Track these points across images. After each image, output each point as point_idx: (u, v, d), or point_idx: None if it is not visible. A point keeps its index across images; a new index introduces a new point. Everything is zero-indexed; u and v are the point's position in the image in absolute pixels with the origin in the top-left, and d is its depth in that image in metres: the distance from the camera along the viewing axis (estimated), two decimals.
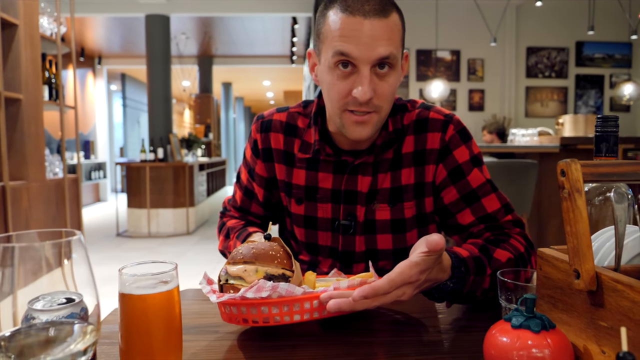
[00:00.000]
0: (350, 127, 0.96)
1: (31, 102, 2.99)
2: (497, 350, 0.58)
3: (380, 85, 0.92)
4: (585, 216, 0.58)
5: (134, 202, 6.65)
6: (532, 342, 0.56)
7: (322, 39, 0.95)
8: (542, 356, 0.56)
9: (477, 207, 1.02)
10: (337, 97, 0.94)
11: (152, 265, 0.64)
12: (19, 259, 0.39)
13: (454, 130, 1.04)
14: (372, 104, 0.93)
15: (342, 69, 0.92)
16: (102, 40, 9.97)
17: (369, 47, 0.89)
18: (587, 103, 7.62)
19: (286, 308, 0.71)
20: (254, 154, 1.14)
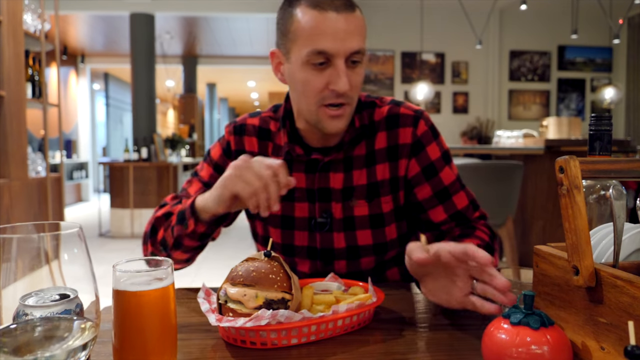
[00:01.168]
0: (327, 121, 0.98)
1: (14, 99, 2.93)
2: (496, 347, 0.58)
3: (353, 78, 0.95)
4: (584, 212, 0.58)
5: (116, 202, 6.56)
6: (531, 338, 0.56)
7: (291, 38, 0.96)
8: (542, 353, 0.56)
9: (448, 204, 1.07)
10: (314, 92, 0.96)
11: (145, 262, 0.63)
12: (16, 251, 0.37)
13: (425, 125, 1.07)
14: (347, 96, 0.96)
15: (317, 65, 0.94)
16: (86, 39, 9.83)
17: (344, 41, 0.91)
18: (568, 106, 7.74)
19: (284, 333, 0.71)
20: (225, 155, 1.13)
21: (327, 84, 0.94)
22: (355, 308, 0.76)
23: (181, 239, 0.99)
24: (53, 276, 0.46)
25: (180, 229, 0.98)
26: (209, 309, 0.74)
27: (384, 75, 7.37)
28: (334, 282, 0.92)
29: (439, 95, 7.43)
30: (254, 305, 0.71)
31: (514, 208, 2.85)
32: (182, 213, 0.98)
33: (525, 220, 3.69)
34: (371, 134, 1.08)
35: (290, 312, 0.70)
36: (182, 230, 0.97)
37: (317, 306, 0.79)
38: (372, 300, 0.80)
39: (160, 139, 6.78)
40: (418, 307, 0.92)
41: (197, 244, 1.01)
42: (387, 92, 7.35)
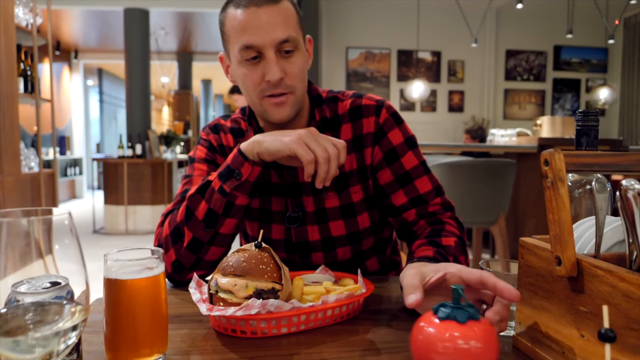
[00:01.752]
0: (271, 110, 1.01)
1: (6, 94, 2.92)
2: (422, 342, 0.57)
3: (288, 66, 0.98)
4: (568, 204, 0.60)
5: (111, 199, 6.54)
6: (458, 333, 0.55)
7: (227, 39, 1.02)
8: (468, 347, 0.54)
9: (409, 188, 1.08)
10: (252, 86, 1.00)
11: (136, 252, 0.64)
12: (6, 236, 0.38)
13: (387, 113, 1.10)
14: (284, 85, 0.99)
15: (251, 60, 0.98)
16: (79, 34, 9.77)
17: (268, 33, 0.95)
18: (563, 106, 7.78)
19: (274, 322, 0.73)
20: (212, 151, 1.15)
21: (263, 76, 0.98)
22: (345, 298, 0.77)
23: (234, 197, 0.95)
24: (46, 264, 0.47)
25: (233, 183, 0.94)
26: (200, 298, 0.75)
27: (380, 73, 7.38)
28: (324, 274, 0.93)
29: (435, 93, 7.46)
30: (245, 295, 0.72)
31: (507, 205, 2.87)
32: (228, 168, 0.96)
33: (518, 217, 3.71)
34: (336, 127, 1.11)
35: (280, 302, 0.71)
36: (236, 183, 0.94)
37: (307, 296, 0.80)
38: (361, 291, 0.81)
39: (154, 136, 6.77)
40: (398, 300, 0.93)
41: (247, 201, 0.97)
42: (383, 89, 7.37)
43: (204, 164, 1.13)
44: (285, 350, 0.69)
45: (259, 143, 0.93)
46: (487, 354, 0.55)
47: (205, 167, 1.12)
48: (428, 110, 7.50)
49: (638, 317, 0.51)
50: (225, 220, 0.98)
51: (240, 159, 0.95)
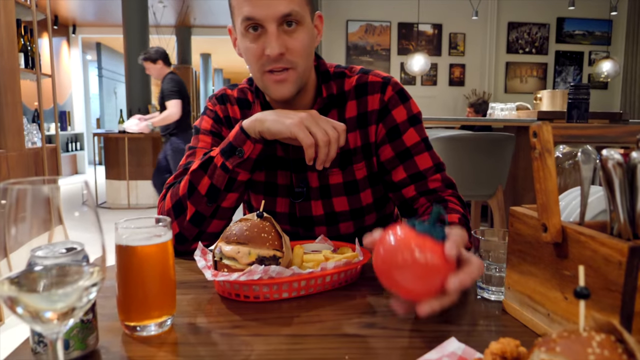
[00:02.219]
0: (272, 86, 1.01)
1: (7, 70, 2.93)
2: (388, 247, 0.62)
3: (290, 42, 0.97)
4: (554, 175, 0.63)
5: (112, 174, 6.58)
6: (428, 247, 0.61)
7: (232, 11, 1.01)
8: (434, 262, 0.60)
9: (409, 164, 1.09)
10: (254, 59, 0.99)
11: (145, 220, 0.67)
12: (30, 203, 0.41)
13: (392, 90, 1.10)
14: (285, 60, 0.98)
15: (252, 32, 0.97)
16: (76, 8, 9.65)
17: (270, 6, 0.94)
18: (565, 80, 7.73)
19: (276, 287, 0.77)
20: (217, 123, 1.16)
21: (263, 50, 0.97)
22: (343, 265, 0.81)
23: (236, 174, 0.98)
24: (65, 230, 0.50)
25: (235, 160, 0.97)
26: (205, 265, 0.79)
27: (380, 46, 7.32)
28: (323, 244, 0.97)
29: (436, 67, 7.40)
30: (247, 261, 0.76)
31: (505, 179, 2.90)
32: (230, 145, 0.97)
33: (516, 191, 3.75)
34: (341, 104, 1.11)
35: (281, 268, 0.75)
36: (238, 160, 0.97)
37: (307, 264, 0.84)
38: (358, 259, 0.85)
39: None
40: None
41: (248, 176, 1.00)
42: (383, 63, 7.32)
43: (209, 135, 1.14)
44: (286, 314, 0.74)
45: (261, 122, 0.95)
46: (442, 273, 0.61)
47: (210, 140, 1.14)
48: (429, 84, 7.46)
49: (615, 279, 0.54)
50: (227, 195, 1.00)
51: (243, 137, 0.97)
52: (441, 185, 1.09)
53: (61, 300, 0.40)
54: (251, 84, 1.17)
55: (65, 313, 0.40)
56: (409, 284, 0.62)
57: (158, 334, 0.65)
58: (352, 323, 0.70)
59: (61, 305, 0.40)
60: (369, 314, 0.74)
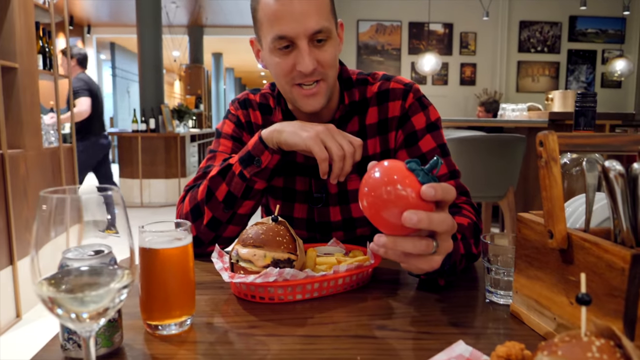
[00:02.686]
0: (302, 100, 1.03)
1: (26, 71, 2.99)
2: (374, 178, 0.63)
3: (320, 55, 0.99)
4: (560, 182, 0.65)
5: (126, 172, 6.67)
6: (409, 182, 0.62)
7: (259, 26, 1.02)
8: (406, 195, 0.61)
9: None
10: (283, 74, 1.01)
11: (166, 224, 0.71)
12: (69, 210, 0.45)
13: (413, 98, 1.11)
14: (317, 73, 1.00)
15: (284, 49, 0.99)
16: (91, 8, 9.78)
17: (301, 23, 0.95)
18: (578, 78, 7.68)
19: (290, 289, 0.80)
20: (239, 127, 1.18)
21: (294, 65, 0.99)
22: (354, 268, 0.84)
23: (253, 182, 1.00)
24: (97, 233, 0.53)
25: (253, 169, 0.99)
26: (222, 267, 0.82)
27: (391, 46, 7.33)
28: (335, 247, 1.00)
29: (447, 66, 7.39)
30: (263, 264, 0.79)
31: (516, 180, 2.91)
32: (249, 154, 1.00)
33: (528, 192, 3.75)
34: (363, 110, 1.13)
35: (295, 271, 0.78)
36: (256, 169, 0.99)
37: (320, 266, 0.87)
38: (370, 262, 0.88)
39: (167, 110, 6.83)
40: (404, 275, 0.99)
41: (265, 185, 1.02)
42: (394, 63, 7.32)
43: (230, 140, 1.16)
44: (300, 315, 0.76)
45: (279, 133, 0.96)
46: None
47: (230, 144, 1.16)
48: (439, 84, 7.45)
49: (618, 285, 0.56)
50: (244, 202, 1.03)
51: (261, 147, 0.98)
52: (457, 194, 1.08)
53: (95, 301, 0.43)
54: (273, 90, 1.19)
55: (99, 313, 0.44)
56: (383, 213, 0.63)
57: (178, 333, 0.69)
58: (364, 325, 0.73)
59: (96, 307, 0.43)
60: (379, 316, 0.77)
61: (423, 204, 0.62)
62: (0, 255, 2.69)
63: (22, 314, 2.87)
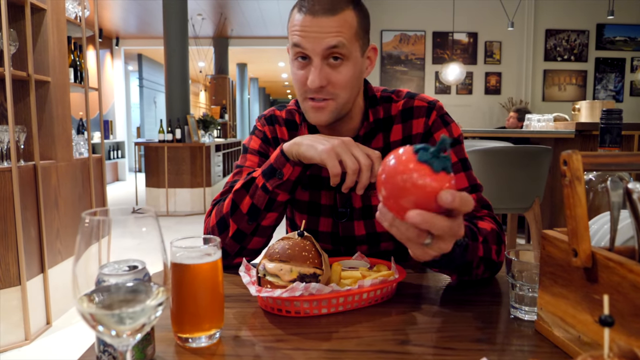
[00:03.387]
0: (309, 112, 1.06)
1: (58, 85, 3.09)
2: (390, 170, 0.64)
3: (333, 75, 1.01)
4: (584, 202, 0.65)
5: (152, 182, 6.80)
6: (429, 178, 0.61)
7: (288, 37, 1.07)
8: (423, 183, 0.61)
9: None
10: (297, 85, 1.05)
11: (196, 240, 0.73)
12: (108, 229, 0.47)
13: (436, 115, 1.13)
14: (326, 92, 1.02)
15: (301, 61, 1.03)
16: (120, 21, 10.05)
17: (316, 40, 0.99)
18: (606, 87, 7.54)
19: (315, 303, 0.81)
20: (265, 143, 1.21)
21: (307, 78, 1.02)
22: (379, 283, 0.85)
23: (275, 194, 1.02)
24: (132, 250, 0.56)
25: (275, 182, 1.01)
26: (250, 281, 0.85)
27: (415, 55, 7.32)
28: (360, 260, 1.01)
29: (471, 75, 7.34)
30: (289, 278, 0.81)
31: (542, 192, 2.87)
32: (271, 167, 1.02)
33: (554, 203, 3.69)
34: (387, 128, 1.15)
35: (321, 285, 0.80)
36: (278, 182, 1.01)
37: (345, 281, 0.89)
38: (394, 276, 0.89)
39: (193, 120, 6.95)
40: (437, 284, 1.00)
41: (288, 197, 1.04)
42: (418, 72, 7.31)
43: (256, 156, 1.19)
44: (325, 329, 0.78)
45: (298, 145, 0.98)
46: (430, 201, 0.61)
47: (257, 159, 1.19)
48: (464, 93, 7.40)
49: None
50: (267, 214, 1.05)
51: (282, 160, 1.00)
52: (477, 206, 1.08)
53: (134, 318, 0.45)
54: (299, 106, 1.21)
55: (137, 329, 0.46)
56: (400, 203, 0.64)
57: (208, 346, 0.71)
58: (388, 340, 0.74)
59: (134, 323, 0.45)
60: (404, 330, 0.78)
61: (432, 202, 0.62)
62: (31, 264, 2.77)
63: (52, 321, 2.95)
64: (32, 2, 2.81)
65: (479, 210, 1.08)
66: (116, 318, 0.46)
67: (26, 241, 2.69)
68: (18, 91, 2.82)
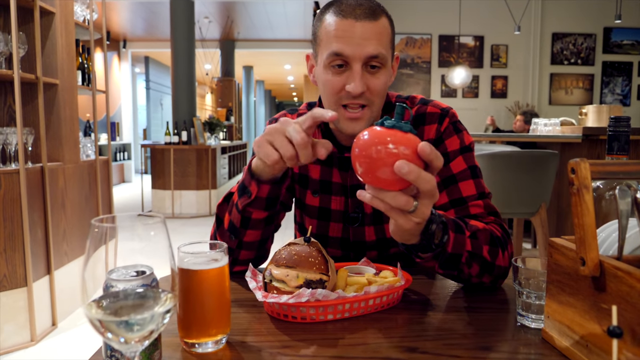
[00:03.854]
0: (344, 122, 1.04)
1: (66, 87, 3.12)
2: (363, 142, 0.69)
3: (372, 81, 1.01)
4: (592, 210, 0.65)
5: (158, 184, 6.83)
6: (396, 139, 0.67)
7: (318, 42, 1.05)
8: (397, 152, 0.66)
9: (452, 189, 1.08)
10: (332, 92, 1.02)
11: (203, 245, 0.74)
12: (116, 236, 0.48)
13: (449, 122, 1.12)
14: (364, 98, 1.01)
15: (337, 68, 1.01)
16: (127, 24, 10.11)
17: (359, 46, 0.98)
18: (613, 91, 7.50)
19: (322, 309, 0.81)
20: None
21: (344, 85, 1.00)
22: (385, 290, 0.85)
23: (248, 213, 0.98)
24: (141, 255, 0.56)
25: (244, 200, 0.97)
26: (256, 286, 0.85)
27: (421, 59, 7.32)
28: (366, 266, 1.01)
29: (477, 79, 7.34)
30: (296, 284, 0.81)
31: (548, 197, 2.86)
32: (243, 183, 0.98)
33: (561, 208, 3.67)
34: None
35: (327, 292, 0.80)
36: (247, 200, 0.96)
37: (351, 287, 0.89)
38: (400, 283, 0.89)
39: (199, 122, 6.98)
40: (443, 291, 1.00)
41: (265, 214, 0.99)
42: (424, 76, 7.31)
43: None
44: (331, 335, 0.78)
45: (256, 163, 0.93)
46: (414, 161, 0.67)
47: None
48: (470, 96, 7.39)
49: None
50: (246, 232, 1.01)
51: (248, 177, 0.96)
52: (483, 212, 1.07)
53: (141, 325, 0.46)
54: (310, 108, 1.21)
55: (145, 336, 0.46)
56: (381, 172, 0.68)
57: (214, 351, 0.71)
58: (394, 346, 0.74)
59: (142, 330, 0.46)
60: (410, 337, 0.77)
61: (415, 159, 0.68)
62: (38, 265, 2.79)
63: (58, 323, 2.97)
64: (41, 6, 2.83)
65: (486, 217, 1.07)
66: (124, 325, 0.46)
67: (33, 243, 2.71)
68: (26, 94, 2.85)
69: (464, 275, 0.95)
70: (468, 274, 0.95)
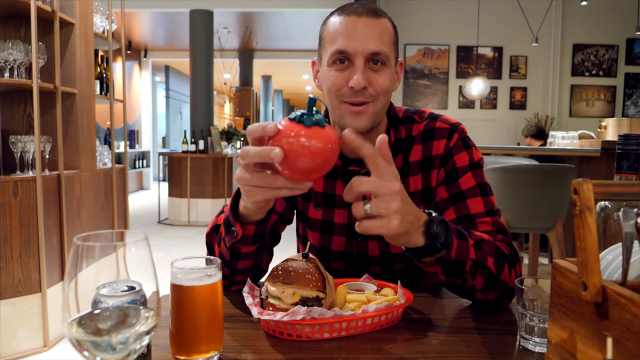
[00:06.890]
0: (348, 117, 1.04)
1: (84, 96, 3.17)
2: (276, 137, 0.69)
3: (374, 77, 1.02)
4: (595, 233, 0.63)
5: (174, 192, 6.89)
6: (303, 132, 0.68)
7: (322, 44, 1.07)
8: (309, 145, 0.68)
9: (460, 206, 1.07)
10: (334, 88, 1.03)
11: (197, 260, 0.73)
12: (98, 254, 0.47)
13: (458, 137, 1.11)
14: (367, 94, 1.01)
15: (339, 64, 1.02)
16: (148, 34, 10.29)
17: (361, 42, 0.99)
18: (636, 103, 7.36)
19: (318, 327, 0.80)
20: None
21: (347, 81, 1.01)
22: (384, 308, 0.83)
23: (237, 248, 0.95)
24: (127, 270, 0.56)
25: (231, 239, 0.94)
26: (252, 302, 0.84)
27: (439, 70, 7.28)
28: (367, 283, 0.99)
29: (496, 90, 7.26)
30: (291, 301, 0.80)
31: (565, 211, 2.80)
32: (227, 220, 0.94)
33: None
34: (408, 148, 1.13)
35: (324, 309, 0.78)
36: (234, 240, 0.93)
37: (349, 304, 0.87)
38: (400, 302, 0.87)
39: (216, 131, 7.03)
40: (445, 310, 0.97)
41: (254, 247, 0.96)
42: (441, 87, 7.27)
43: None
44: (327, 354, 0.76)
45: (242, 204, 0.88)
46: (326, 154, 0.69)
47: None
48: (488, 107, 7.32)
49: None
50: (238, 262, 0.99)
51: (232, 218, 0.91)
52: (491, 230, 1.04)
53: (120, 346, 0.45)
54: (329, 120, 1.20)
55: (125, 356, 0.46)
56: (297, 164, 0.69)
57: None
58: None
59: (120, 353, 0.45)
60: (408, 358, 0.75)
61: (332, 143, 0.70)
62: (52, 271, 2.82)
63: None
64: (61, 17, 2.89)
65: (494, 234, 1.04)
66: (103, 345, 0.45)
67: (48, 249, 2.74)
68: (45, 103, 2.90)
69: (468, 286, 0.92)
70: (472, 286, 0.93)
